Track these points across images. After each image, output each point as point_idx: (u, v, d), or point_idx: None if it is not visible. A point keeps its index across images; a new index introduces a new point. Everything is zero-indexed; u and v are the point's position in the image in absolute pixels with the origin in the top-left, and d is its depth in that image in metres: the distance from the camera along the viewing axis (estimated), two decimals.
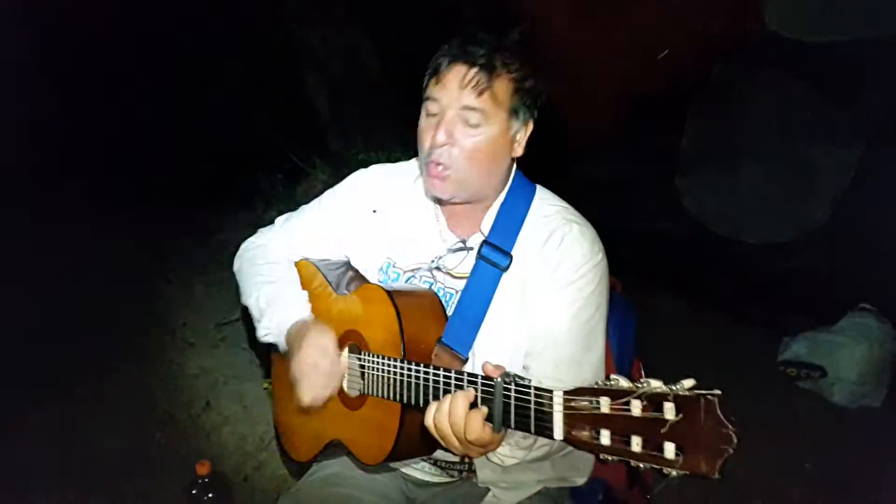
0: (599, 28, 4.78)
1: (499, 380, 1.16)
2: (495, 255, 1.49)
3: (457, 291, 1.53)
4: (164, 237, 5.09)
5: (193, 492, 2.31)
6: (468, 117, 1.43)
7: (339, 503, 1.54)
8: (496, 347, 1.46)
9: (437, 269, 1.58)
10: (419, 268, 1.59)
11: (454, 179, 1.47)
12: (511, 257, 1.49)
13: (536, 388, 1.10)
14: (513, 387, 1.14)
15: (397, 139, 5.01)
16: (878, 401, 3.44)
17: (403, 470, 1.65)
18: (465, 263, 1.55)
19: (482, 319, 1.46)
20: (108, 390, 3.41)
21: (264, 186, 5.28)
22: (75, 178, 5.63)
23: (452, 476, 1.61)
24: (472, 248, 1.55)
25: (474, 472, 1.54)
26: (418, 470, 1.64)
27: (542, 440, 1.35)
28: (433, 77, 1.46)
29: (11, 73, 5.34)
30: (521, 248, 1.50)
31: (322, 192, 1.81)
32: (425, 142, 1.48)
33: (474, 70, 1.41)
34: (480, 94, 1.41)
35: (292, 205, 5.00)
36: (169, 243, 5.02)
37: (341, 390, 1.56)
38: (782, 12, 4.03)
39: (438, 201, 1.60)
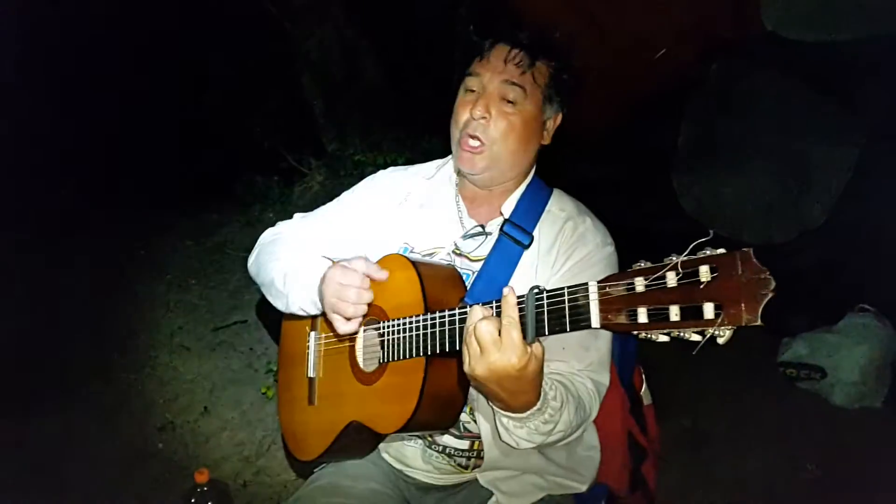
0: (596, 27, 4.77)
1: (529, 292, 1.18)
2: (517, 232, 1.55)
3: (473, 272, 1.56)
4: (160, 239, 5.08)
5: (192, 500, 2.29)
6: (508, 92, 1.51)
7: None
8: None
9: (456, 252, 1.60)
10: (437, 251, 1.62)
11: (487, 155, 1.53)
12: (532, 237, 1.55)
13: (569, 288, 1.13)
14: (544, 294, 1.16)
15: (394, 140, 5.00)
16: (878, 401, 3.43)
17: (407, 472, 1.64)
18: (483, 248, 1.59)
19: (504, 286, 1.44)
20: (105, 397, 3.40)
21: (260, 188, 5.27)
22: (70, 181, 5.62)
23: (460, 465, 1.58)
24: (490, 233, 1.60)
25: (482, 458, 1.52)
26: (423, 472, 1.62)
27: (559, 426, 1.35)
28: (476, 56, 1.56)
29: (9, 73, 5.34)
30: (539, 232, 1.56)
31: (319, 193, 1.82)
32: (462, 116, 1.55)
33: (518, 49, 1.52)
34: (523, 72, 1.51)
35: (289, 206, 5.04)
36: (164, 246, 5.00)
37: (357, 367, 1.55)
38: (780, 12, 4.02)
39: (462, 191, 1.66)
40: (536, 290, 1.18)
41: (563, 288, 1.14)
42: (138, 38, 5.95)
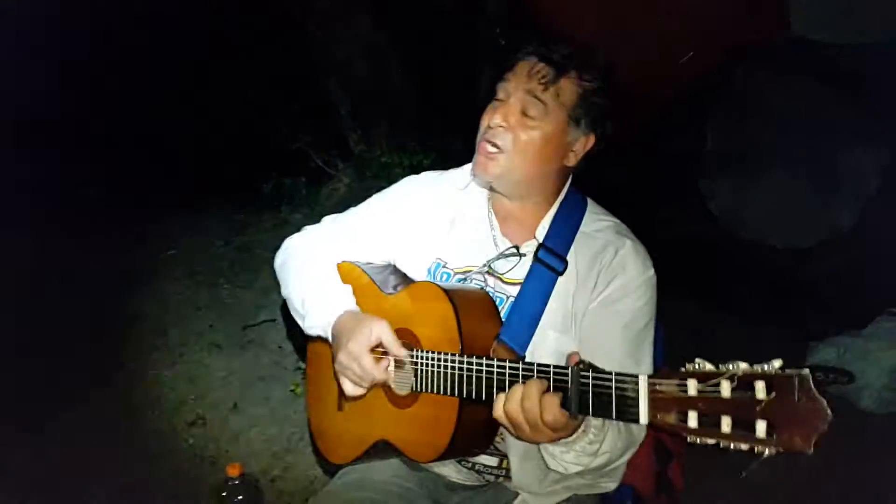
0: (623, 30, 4.77)
1: (574, 367, 1.18)
2: (552, 259, 1.52)
3: (507, 297, 1.56)
4: (191, 239, 5.16)
5: (224, 494, 2.33)
6: (528, 106, 1.49)
7: None
8: (544, 350, 1.48)
9: (489, 272, 1.59)
10: (470, 270, 1.60)
11: (500, 163, 1.51)
12: (566, 262, 1.52)
13: (618, 374, 1.12)
14: (590, 373, 1.16)
15: (420, 142, 5.04)
16: None
17: (436, 469, 1.66)
18: (517, 270, 1.57)
19: (539, 319, 1.49)
20: (136, 392, 3.47)
21: (288, 189, 5.33)
22: (101, 181, 5.74)
23: (488, 480, 1.61)
24: (524, 255, 1.57)
25: (509, 478, 1.55)
26: (453, 470, 1.64)
27: (604, 445, 1.37)
28: (508, 66, 1.54)
29: (41, 70, 5.44)
30: (574, 256, 1.54)
31: (345, 195, 1.83)
32: (484, 121, 1.54)
33: (543, 63, 1.49)
34: (545, 87, 1.48)
35: (316, 207, 5.10)
36: (195, 246, 5.08)
37: (389, 389, 1.55)
38: (808, 15, 4.00)
39: (494, 205, 1.65)
40: (582, 367, 1.17)
41: (611, 373, 1.14)
42: (170, 39, 6.06)
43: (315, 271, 1.66)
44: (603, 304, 1.50)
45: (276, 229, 4.94)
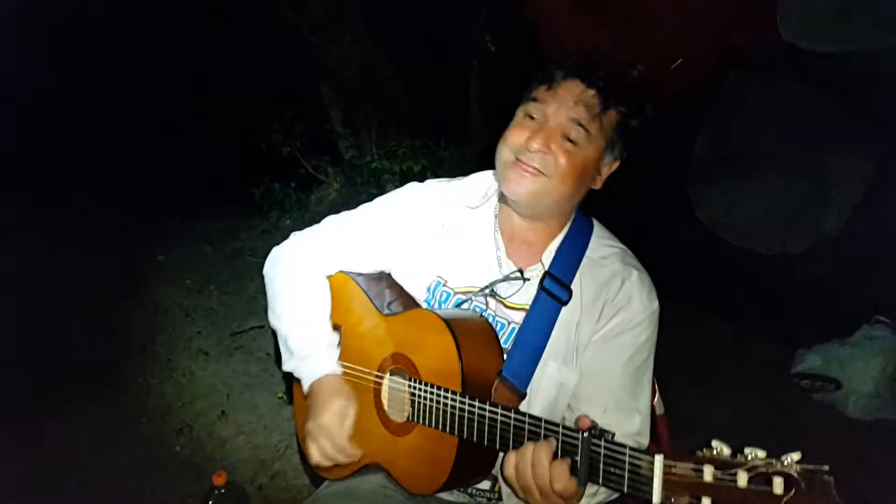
0: (613, 35, 4.80)
1: (585, 435, 1.15)
2: (557, 288, 1.48)
3: (509, 322, 1.52)
4: (179, 245, 5.14)
5: (210, 502, 2.33)
6: (571, 131, 1.44)
7: None
8: (545, 381, 1.46)
9: (492, 295, 1.55)
10: (472, 291, 1.56)
11: (538, 186, 1.46)
12: (571, 291, 1.48)
13: (632, 450, 1.10)
14: (602, 442, 1.13)
15: (410, 148, 5.05)
16: (893, 413, 3.42)
17: None
18: (520, 294, 1.53)
19: (541, 354, 1.46)
20: (123, 399, 3.45)
21: (278, 195, 5.32)
22: (89, 185, 5.71)
23: (480, 503, 1.59)
24: (528, 279, 1.53)
25: (501, 500, 1.53)
26: (444, 493, 1.60)
27: (600, 493, 1.37)
28: (544, 84, 1.48)
29: (29, 76, 5.42)
30: (579, 284, 1.50)
31: (336, 201, 1.79)
32: (517, 140, 1.47)
33: (593, 91, 1.44)
34: (592, 115, 1.44)
35: (306, 213, 5.08)
36: (183, 251, 5.06)
37: (382, 410, 1.54)
38: (797, 23, 4.03)
39: (502, 225, 1.60)
40: (594, 433, 1.15)
41: (625, 446, 1.11)
42: (160, 42, 6.04)
43: (303, 297, 1.64)
44: (606, 338, 1.48)
45: (265, 235, 4.94)
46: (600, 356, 1.47)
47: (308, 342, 1.59)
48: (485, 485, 1.56)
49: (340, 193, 5.11)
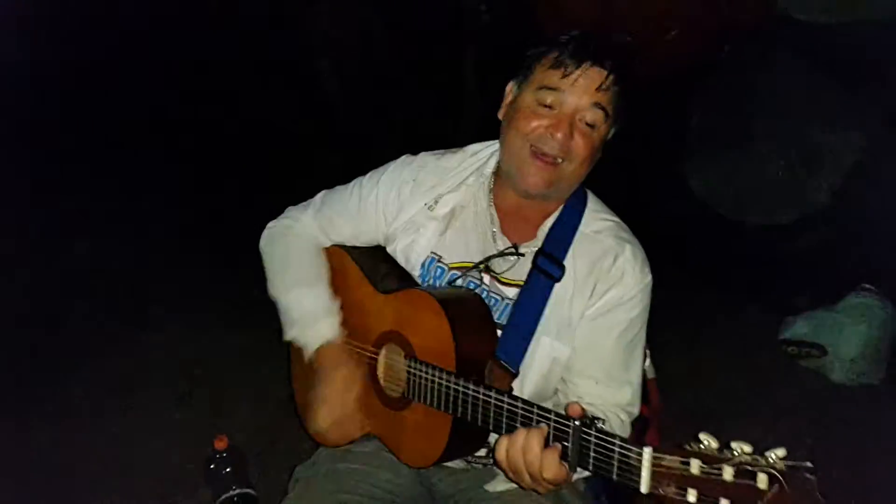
0: (608, 7, 4.77)
1: (577, 423, 1.18)
2: (550, 266, 1.49)
3: (502, 298, 1.54)
4: (183, 223, 5.13)
5: (211, 466, 2.38)
6: (590, 116, 1.45)
7: (353, 477, 1.58)
8: (538, 356, 1.49)
9: (486, 271, 1.56)
10: (465, 266, 1.56)
11: (559, 178, 1.48)
12: (564, 268, 1.49)
13: (622, 440, 1.12)
14: (593, 432, 1.16)
15: (411, 128, 5.04)
16: (876, 379, 3.51)
17: None
18: (514, 270, 1.55)
19: (535, 331, 1.48)
20: (124, 367, 3.49)
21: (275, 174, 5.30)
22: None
23: (476, 468, 1.62)
24: (523, 255, 1.54)
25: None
26: None
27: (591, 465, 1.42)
28: (558, 69, 1.45)
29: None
30: (572, 260, 1.51)
31: (333, 181, 1.79)
32: (534, 130, 1.46)
33: (612, 77, 1.44)
34: (607, 97, 1.45)
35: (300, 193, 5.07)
36: (187, 229, 5.07)
37: (378, 384, 1.57)
38: None
39: (498, 201, 1.60)
40: (585, 422, 1.17)
41: (615, 437, 1.13)
42: (155, 21, 5.92)
43: (300, 269, 1.67)
44: (599, 313, 1.50)
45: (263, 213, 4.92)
46: (593, 331, 1.50)
47: (308, 310, 1.63)
48: (481, 451, 1.58)
49: (337, 170, 5.09)
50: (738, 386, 3.46)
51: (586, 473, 1.35)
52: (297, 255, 1.70)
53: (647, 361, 1.81)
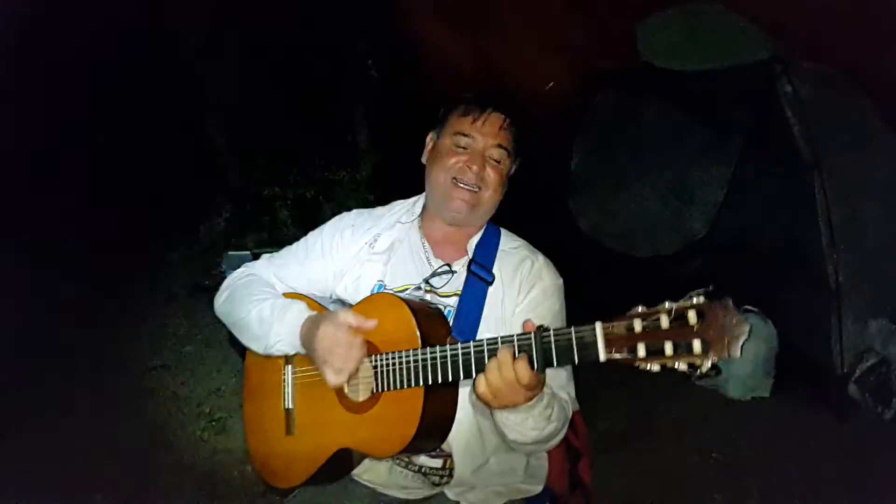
0: (489, 62, 5.04)
1: (535, 331, 1.35)
2: (482, 271, 1.77)
3: (445, 307, 1.72)
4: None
5: None
6: (496, 154, 1.79)
7: None
8: None
9: (427, 288, 1.77)
10: (408, 287, 1.77)
11: (478, 203, 1.78)
12: (493, 275, 1.76)
13: (576, 327, 1.30)
14: (551, 332, 1.33)
15: (301, 175, 5.04)
16: (766, 391, 3.85)
17: (384, 491, 1.74)
18: (451, 284, 1.78)
19: (479, 322, 1.71)
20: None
21: (166, 226, 5.13)
22: None
23: (433, 483, 1.71)
24: (455, 271, 1.79)
25: (452, 475, 1.67)
26: (398, 489, 1.72)
27: (555, 412, 1.55)
28: (467, 116, 1.80)
29: None
30: (498, 270, 1.79)
31: (225, 230, 1.87)
32: (454, 165, 1.77)
33: (509, 120, 1.80)
34: (507, 138, 1.79)
35: (195, 245, 4.91)
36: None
37: (344, 397, 1.62)
38: (653, 46, 4.39)
39: (427, 232, 1.85)
40: (544, 328, 1.34)
41: (570, 327, 1.31)
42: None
43: (267, 295, 1.76)
44: (528, 309, 1.73)
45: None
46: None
47: (280, 304, 1.71)
48: (437, 463, 1.69)
49: (229, 222, 5.00)
50: (646, 410, 3.65)
51: (552, 423, 1.55)
52: (261, 287, 1.82)
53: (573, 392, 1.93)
